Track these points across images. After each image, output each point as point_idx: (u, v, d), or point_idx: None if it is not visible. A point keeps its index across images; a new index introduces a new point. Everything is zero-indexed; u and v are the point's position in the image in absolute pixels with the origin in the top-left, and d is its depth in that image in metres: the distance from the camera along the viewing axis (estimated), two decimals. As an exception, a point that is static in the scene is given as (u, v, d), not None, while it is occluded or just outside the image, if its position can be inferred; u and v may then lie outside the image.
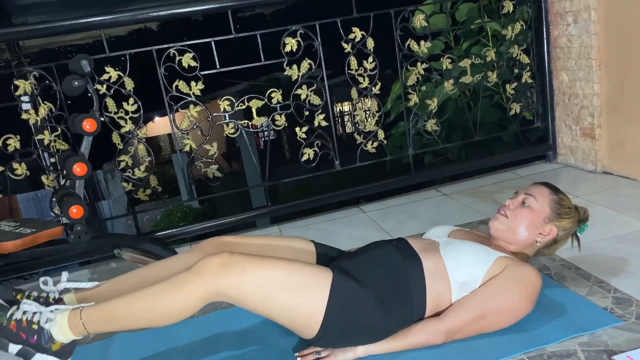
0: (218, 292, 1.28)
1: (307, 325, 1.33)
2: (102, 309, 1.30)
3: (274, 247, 1.55)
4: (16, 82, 2.27)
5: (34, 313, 1.30)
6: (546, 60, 2.93)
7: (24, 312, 1.30)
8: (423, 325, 1.37)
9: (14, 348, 1.26)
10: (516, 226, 1.51)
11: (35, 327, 1.27)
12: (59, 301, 1.43)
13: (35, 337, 1.27)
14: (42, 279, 1.41)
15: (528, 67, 2.97)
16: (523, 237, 1.51)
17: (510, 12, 2.88)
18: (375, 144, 2.79)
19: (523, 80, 2.98)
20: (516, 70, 3.01)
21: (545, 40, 2.90)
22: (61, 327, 1.28)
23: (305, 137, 2.65)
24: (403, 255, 1.43)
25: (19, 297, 1.41)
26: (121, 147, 2.47)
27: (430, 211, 2.59)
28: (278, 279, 1.30)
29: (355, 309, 1.33)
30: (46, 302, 1.41)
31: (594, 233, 1.59)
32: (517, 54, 2.94)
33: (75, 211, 1.92)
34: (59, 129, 2.38)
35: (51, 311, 1.30)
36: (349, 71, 2.66)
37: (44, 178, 2.41)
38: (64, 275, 1.44)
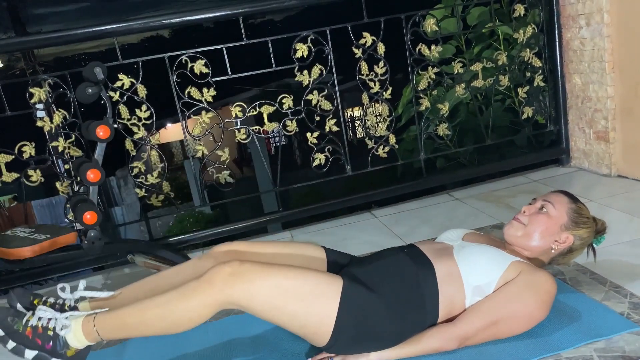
0: (229, 300, 1.29)
1: (318, 333, 1.33)
2: (115, 316, 1.31)
3: (285, 255, 1.55)
4: (31, 90, 2.30)
5: (49, 319, 1.31)
6: (558, 64, 2.91)
7: (39, 318, 1.31)
8: (436, 330, 1.37)
9: (30, 354, 1.28)
10: (532, 232, 1.50)
11: (50, 333, 1.29)
12: (74, 309, 1.44)
13: (51, 343, 1.28)
14: (60, 285, 1.43)
15: (540, 71, 2.95)
16: (538, 244, 1.50)
17: (522, 15, 2.86)
18: (387, 149, 2.78)
19: (535, 84, 2.96)
20: (528, 74, 2.99)
21: (557, 43, 2.88)
22: (75, 333, 1.30)
23: (317, 142, 2.65)
24: (415, 262, 1.43)
25: (35, 301, 1.42)
26: (134, 154, 2.49)
27: (442, 216, 2.58)
28: (288, 288, 1.30)
29: (366, 315, 1.33)
30: (61, 309, 1.42)
31: (609, 237, 1.58)
32: (529, 58, 2.92)
33: (89, 217, 1.94)
34: (73, 135, 2.40)
35: (66, 318, 1.32)
36: (360, 76, 2.67)
37: (58, 184, 2.44)
38: (82, 283, 1.45)
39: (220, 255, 1.54)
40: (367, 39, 2.62)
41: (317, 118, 2.64)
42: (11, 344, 1.28)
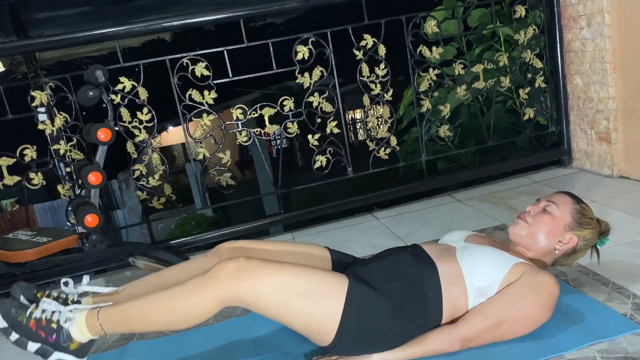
0: (234, 297, 1.28)
1: (322, 332, 1.32)
2: (119, 310, 1.31)
3: (289, 253, 1.54)
4: (33, 93, 2.31)
5: (53, 312, 1.31)
6: (560, 65, 2.91)
7: (43, 311, 1.31)
8: (438, 332, 1.36)
9: (32, 346, 1.27)
10: (536, 232, 1.50)
11: (54, 325, 1.28)
12: (77, 303, 1.43)
13: (54, 335, 1.28)
14: (63, 280, 1.41)
15: (541, 72, 2.95)
16: (542, 244, 1.50)
17: (523, 16, 2.86)
18: (388, 151, 2.78)
19: (536, 85, 2.96)
20: (529, 75, 2.99)
21: (558, 44, 2.88)
22: (79, 326, 1.29)
23: (318, 144, 2.65)
24: (418, 262, 1.42)
25: (39, 295, 1.40)
26: (135, 156, 2.49)
27: (444, 217, 2.58)
28: (294, 285, 1.30)
29: (371, 316, 1.32)
30: (64, 303, 1.41)
31: (611, 238, 1.57)
32: (530, 59, 2.92)
33: (91, 220, 1.94)
34: (75, 138, 2.41)
35: (70, 310, 1.31)
36: (361, 78, 2.67)
37: (59, 187, 2.44)
38: (85, 278, 1.44)
39: (225, 253, 1.53)
40: (368, 40, 2.62)
41: (318, 120, 2.64)
42: (14, 336, 1.27)
